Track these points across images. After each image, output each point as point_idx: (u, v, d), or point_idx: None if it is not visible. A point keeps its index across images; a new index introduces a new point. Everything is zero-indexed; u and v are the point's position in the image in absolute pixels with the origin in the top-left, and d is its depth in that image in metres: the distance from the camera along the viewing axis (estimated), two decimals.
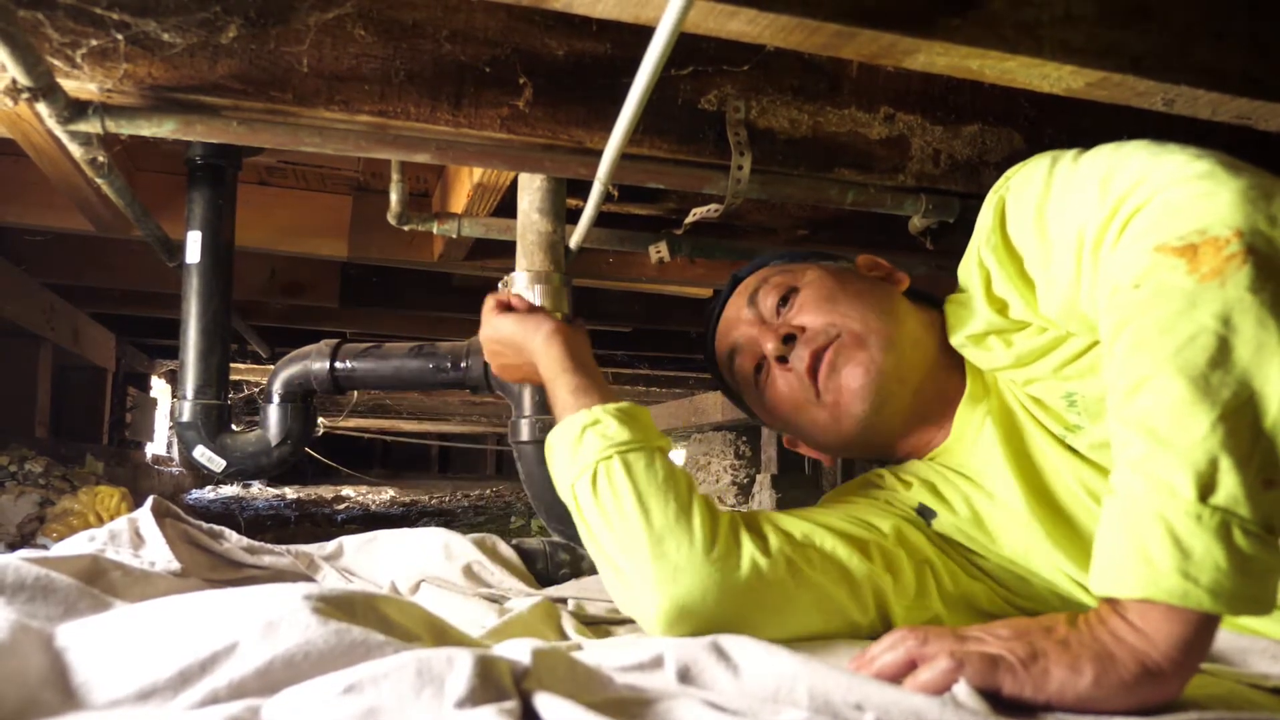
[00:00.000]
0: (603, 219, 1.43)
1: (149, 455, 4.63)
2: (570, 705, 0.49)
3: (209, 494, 5.20)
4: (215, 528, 1.20)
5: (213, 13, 1.06)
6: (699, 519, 0.81)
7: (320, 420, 1.81)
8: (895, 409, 0.95)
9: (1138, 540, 0.59)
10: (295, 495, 5.49)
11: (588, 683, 0.58)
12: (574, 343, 0.99)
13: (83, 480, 2.38)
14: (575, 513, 0.88)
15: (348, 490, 5.97)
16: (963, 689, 0.58)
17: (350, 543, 1.29)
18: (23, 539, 1.86)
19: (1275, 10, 1.11)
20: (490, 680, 0.50)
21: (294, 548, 1.26)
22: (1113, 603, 0.61)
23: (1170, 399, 0.61)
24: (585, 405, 0.90)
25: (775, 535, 0.84)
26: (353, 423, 6.37)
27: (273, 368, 1.51)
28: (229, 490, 5.55)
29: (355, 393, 3.25)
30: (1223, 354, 0.61)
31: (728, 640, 0.67)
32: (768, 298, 1.02)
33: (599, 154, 1.12)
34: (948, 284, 1.03)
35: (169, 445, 5.35)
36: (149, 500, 1.16)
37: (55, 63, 1.01)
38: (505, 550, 1.27)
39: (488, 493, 5.92)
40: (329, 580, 1.18)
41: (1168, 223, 0.67)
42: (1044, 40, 0.99)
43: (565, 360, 0.96)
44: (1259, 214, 0.65)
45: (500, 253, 2.12)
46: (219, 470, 1.52)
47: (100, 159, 1.22)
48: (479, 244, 2.06)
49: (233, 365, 3.77)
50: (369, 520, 3.90)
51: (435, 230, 1.72)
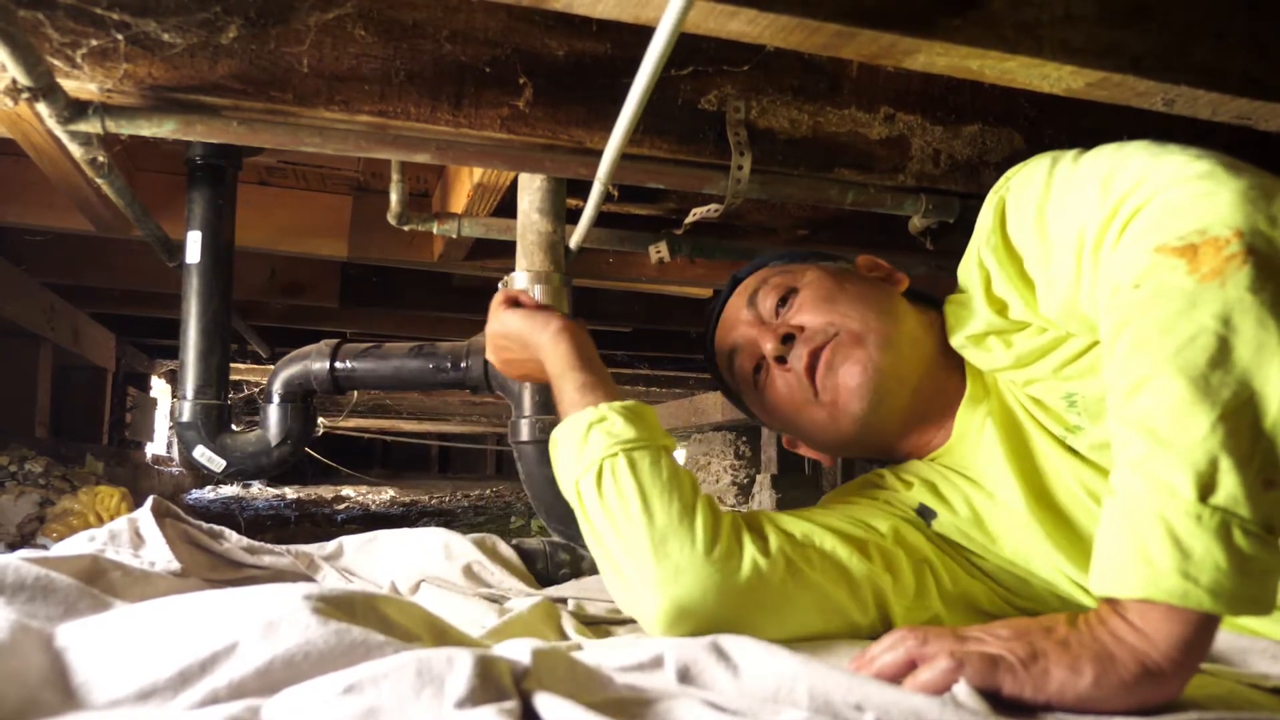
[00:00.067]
0: (603, 219, 1.43)
1: (149, 455, 4.63)
2: (570, 705, 0.49)
3: (209, 494, 5.20)
4: (215, 528, 1.20)
5: (213, 13, 1.06)
6: (702, 520, 0.81)
7: (320, 420, 1.81)
8: (893, 408, 0.95)
9: (1138, 540, 0.59)
10: (295, 495, 5.49)
11: (588, 683, 0.58)
12: (581, 340, 0.99)
13: (83, 480, 2.37)
14: (578, 510, 0.87)
15: (348, 490, 5.97)
16: (963, 689, 0.58)
17: (350, 543, 1.29)
18: (23, 539, 1.86)
19: (1275, 10, 1.11)
20: (490, 680, 0.50)
21: (294, 548, 1.26)
22: (1113, 603, 0.61)
23: (1170, 399, 0.61)
24: (592, 403, 0.89)
25: (776, 536, 0.84)
26: (353, 423, 6.37)
27: (273, 368, 1.51)
28: (229, 490, 5.55)
29: (355, 393, 3.25)
30: (1223, 354, 0.61)
31: (728, 640, 0.67)
32: (767, 298, 1.02)
33: (599, 154, 1.12)
34: (948, 284, 1.03)
35: (169, 445, 5.35)
36: (149, 500, 1.16)
37: (55, 63, 1.02)
38: (505, 550, 1.27)
39: (488, 493, 5.92)
40: (329, 580, 1.18)
41: (1168, 223, 0.67)
42: (1044, 40, 0.99)
43: (573, 357, 0.96)
44: (1259, 214, 0.65)
45: (500, 253, 2.12)
46: (219, 470, 1.52)
47: (100, 159, 1.22)
48: (479, 244, 2.06)
49: (233, 365, 3.77)
50: (369, 520, 3.90)
51: (435, 230, 1.72)
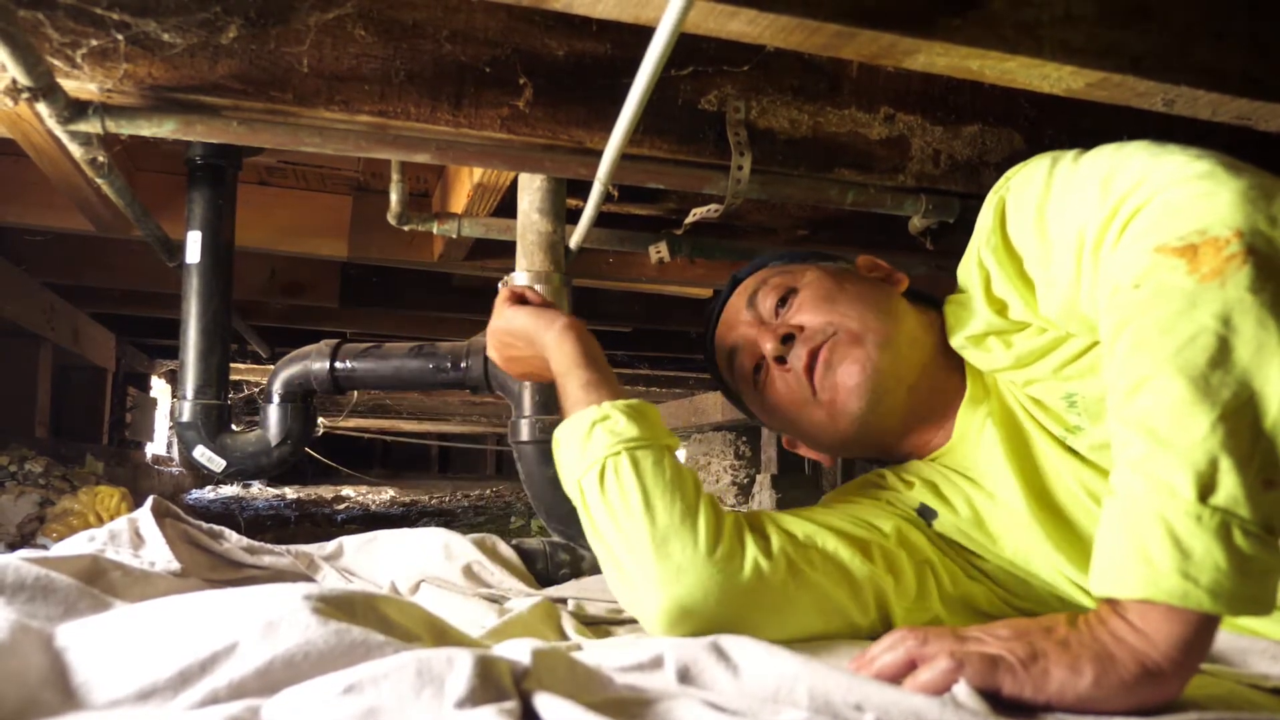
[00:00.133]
0: (603, 219, 1.43)
1: (149, 455, 4.63)
2: (570, 705, 0.49)
3: (209, 494, 5.20)
4: (215, 528, 1.20)
5: (213, 13, 1.06)
6: (704, 519, 0.81)
7: (320, 420, 1.81)
8: (891, 407, 0.95)
9: (1138, 541, 0.59)
10: (295, 495, 5.49)
11: (588, 683, 0.58)
12: (587, 339, 0.98)
13: (83, 480, 2.37)
14: (581, 508, 0.87)
15: (348, 490, 5.97)
16: (963, 689, 0.58)
17: (350, 543, 1.29)
18: (23, 539, 1.86)
19: (1275, 10, 1.11)
20: (490, 680, 0.50)
21: (294, 548, 1.26)
22: (1113, 603, 0.61)
23: (1170, 399, 0.61)
24: (595, 401, 0.89)
25: (778, 536, 0.84)
26: (353, 423, 6.37)
27: (273, 368, 1.51)
28: (229, 490, 5.55)
29: (355, 393, 3.25)
30: (1223, 354, 0.61)
31: (728, 640, 0.67)
32: (767, 298, 1.02)
33: (599, 154, 1.12)
34: (947, 284, 1.03)
35: (169, 445, 5.35)
36: (149, 500, 1.16)
37: (55, 63, 1.02)
38: (505, 550, 1.27)
39: (488, 493, 5.92)
40: (329, 580, 1.18)
41: (1168, 223, 0.67)
42: (1044, 40, 0.99)
43: (578, 355, 0.95)
44: (1259, 214, 0.65)
45: (500, 253, 2.12)
46: (219, 470, 1.52)
47: (100, 159, 1.22)
48: (479, 244, 2.06)
49: (233, 365, 3.77)
50: (369, 520, 3.89)
51: (435, 230, 1.72)
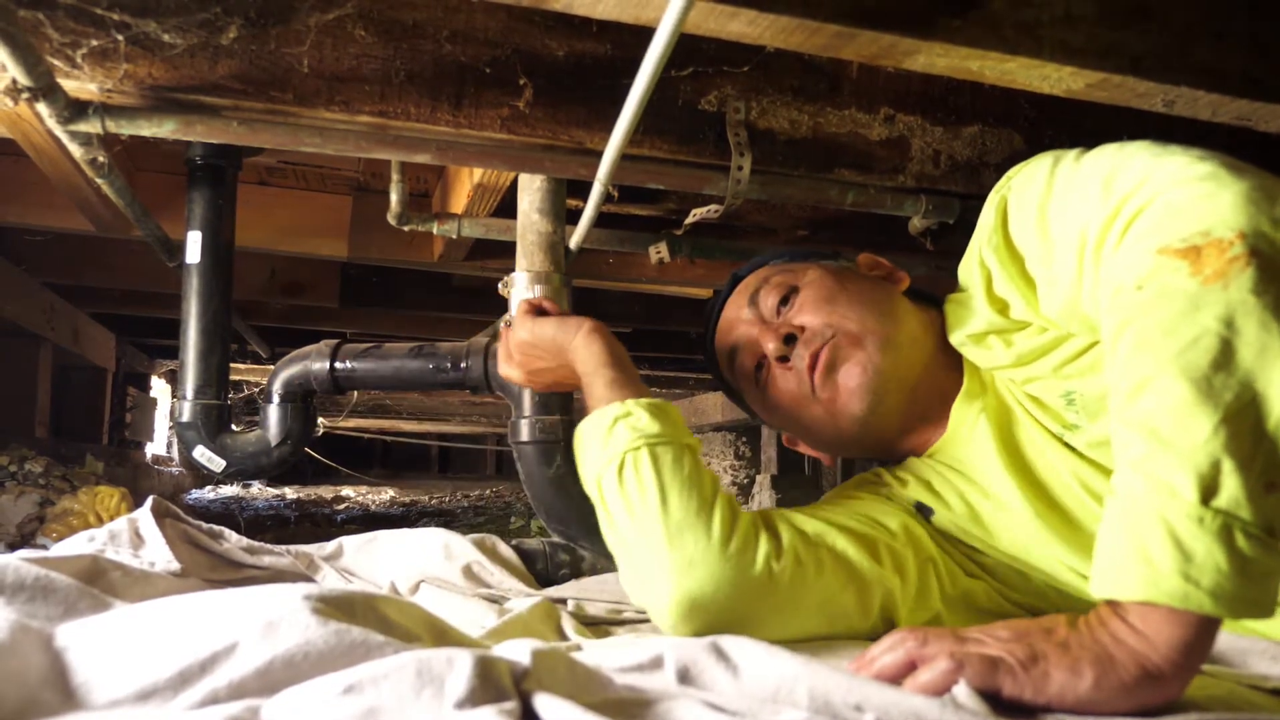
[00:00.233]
0: (603, 219, 1.43)
1: (149, 455, 4.63)
2: (570, 706, 0.49)
3: (209, 494, 5.20)
4: (215, 528, 1.20)
5: (213, 13, 1.06)
6: (719, 517, 0.82)
7: (320, 420, 1.81)
8: (892, 408, 0.96)
9: (1139, 542, 0.59)
10: (295, 495, 5.48)
11: (587, 683, 0.58)
12: (612, 341, 1.00)
13: (83, 480, 2.37)
14: (598, 500, 0.88)
15: (348, 490, 5.97)
16: (963, 690, 0.58)
17: (350, 543, 1.29)
18: (23, 539, 1.85)
19: (1275, 10, 1.11)
20: (490, 681, 0.50)
21: (294, 548, 1.26)
22: (1113, 605, 0.61)
23: (1173, 401, 0.61)
24: (619, 399, 0.90)
25: (790, 535, 0.85)
26: (353, 423, 6.36)
27: (273, 368, 1.51)
28: (229, 490, 5.55)
29: (355, 393, 3.25)
30: (1225, 356, 0.61)
31: (728, 641, 0.67)
32: (768, 297, 1.02)
33: (599, 154, 1.12)
34: (947, 284, 1.03)
35: (169, 445, 5.35)
36: (149, 500, 1.16)
37: (55, 63, 1.01)
38: (505, 551, 1.27)
39: (488, 493, 5.92)
40: (329, 580, 1.18)
41: (1170, 224, 0.67)
42: (1044, 41, 0.99)
43: (605, 356, 0.96)
44: (1262, 216, 0.65)
45: (500, 253, 2.12)
46: (219, 470, 1.52)
47: (100, 159, 1.22)
48: (479, 244, 2.06)
49: (233, 365, 3.77)
50: (369, 520, 3.89)
51: (435, 230, 1.72)
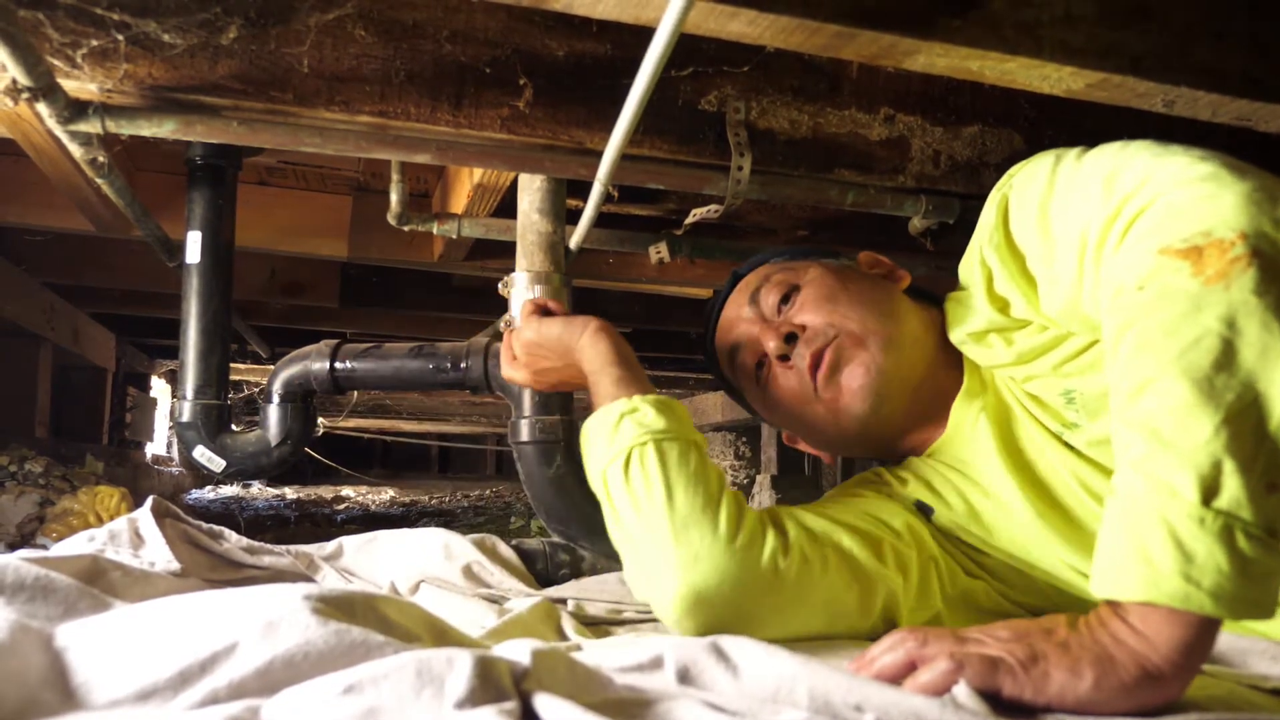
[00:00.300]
0: (603, 219, 1.43)
1: (149, 455, 4.62)
2: (570, 706, 0.49)
3: (209, 494, 5.20)
4: (215, 528, 1.20)
5: (213, 13, 1.06)
6: (725, 512, 0.82)
7: (320, 420, 1.81)
8: (894, 407, 0.96)
9: (1139, 542, 0.59)
10: (295, 495, 5.48)
11: (587, 683, 0.58)
12: (619, 339, 1.00)
13: (83, 480, 2.37)
14: (603, 496, 0.88)
15: (348, 490, 5.96)
16: (963, 690, 0.58)
17: (350, 543, 1.29)
18: (23, 539, 1.85)
19: (1275, 10, 1.11)
20: (490, 681, 0.50)
21: (294, 548, 1.26)
22: (1114, 605, 0.61)
23: (1174, 401, 0.61)
24: (626, 395, 0.90)
25: (797, 531, 0.85)
26: (353, 423, 6.36)
27: (273, 368, 1.51)
28: (229, 490, 5.55)
29: (355, 393, 3.25)
30: (1227, 357, 0.61)
31: (728, 641, 0.67)
32: (769, 296, 1.02)
33: (599, 154, 1.12)
34: (947, 284, 1.03)
35: (169, 445, 5.35)
36: (149, 500, 1.16)
37: (55, 63, 1.01)
38: (505, 551, 1.27)
39: (488, 493, 5.91)
40: (329, 580, 1.18)
41: (1172, 224, 0.67)
42: (1044, 41, 0.99)
43: (611, 354, 0.97)
44: (1264, 216, 0.65)
45: (500, 253, 2.12)
46: (219, 470, 1.52)
47: (100, 159, 1.22)
48: (479, 244, 2.06)
49: (233, 365, 3.77)
50: (369, 520, 3.89)
51: (435, 230, 1.72)
